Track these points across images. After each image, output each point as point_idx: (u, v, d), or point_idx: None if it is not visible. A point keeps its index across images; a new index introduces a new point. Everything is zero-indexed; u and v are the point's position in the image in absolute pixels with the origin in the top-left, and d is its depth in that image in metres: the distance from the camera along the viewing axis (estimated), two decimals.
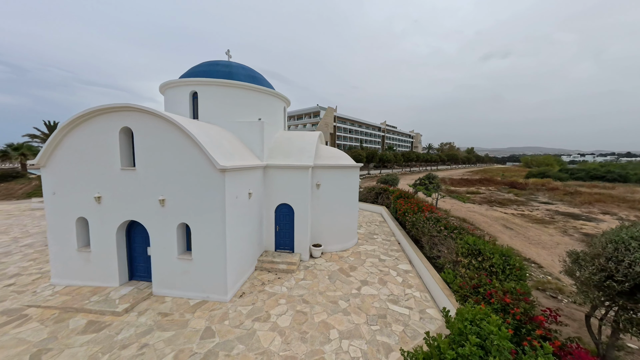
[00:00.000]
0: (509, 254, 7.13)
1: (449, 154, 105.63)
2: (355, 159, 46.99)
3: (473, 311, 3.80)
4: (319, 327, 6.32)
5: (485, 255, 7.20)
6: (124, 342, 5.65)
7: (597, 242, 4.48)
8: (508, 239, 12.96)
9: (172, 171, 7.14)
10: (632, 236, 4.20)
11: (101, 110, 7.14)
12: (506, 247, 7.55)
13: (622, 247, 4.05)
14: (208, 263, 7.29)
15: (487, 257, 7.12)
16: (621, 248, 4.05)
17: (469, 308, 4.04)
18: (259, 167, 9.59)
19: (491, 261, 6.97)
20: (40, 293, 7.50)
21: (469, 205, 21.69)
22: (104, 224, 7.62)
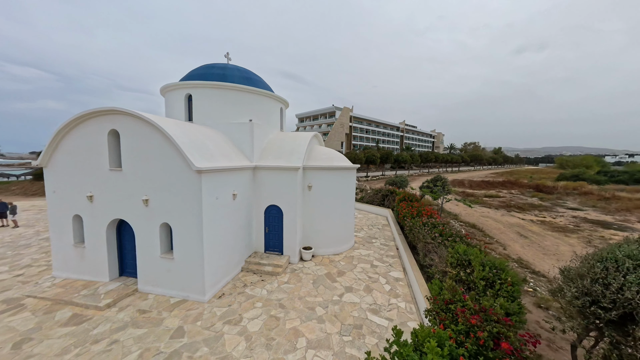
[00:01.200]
0: (502, 267, 6.46)
1: (473, 155, 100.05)
2: (368, 159, 46.05)
3: (422, 333, 3.42)
4: (288, 334, 6.14)
5: (475, 266, 6.58)
6: (97, 337, 5.86)
7: (585, 260, 3.85)
8: (519, 248, 11.85)
9: (155, 172, 7.33)
10: (628, 254, 3.54)
11: (92, 113, 7.51)
12: (500, 258, 6.85)
13: (612, 268, 3.42)
14: (188, 263, 7.39)
15: (477, 269, 6.51)
16: (611, 268, 3.42)
17: (422, 329, 3.65)
18: (247, 168, 9.59)
19: (481, 274, 6.35)
20: (41, 284, 8.07)
21: (484, 209, 20.25)
22: (95, 221, 8.03)
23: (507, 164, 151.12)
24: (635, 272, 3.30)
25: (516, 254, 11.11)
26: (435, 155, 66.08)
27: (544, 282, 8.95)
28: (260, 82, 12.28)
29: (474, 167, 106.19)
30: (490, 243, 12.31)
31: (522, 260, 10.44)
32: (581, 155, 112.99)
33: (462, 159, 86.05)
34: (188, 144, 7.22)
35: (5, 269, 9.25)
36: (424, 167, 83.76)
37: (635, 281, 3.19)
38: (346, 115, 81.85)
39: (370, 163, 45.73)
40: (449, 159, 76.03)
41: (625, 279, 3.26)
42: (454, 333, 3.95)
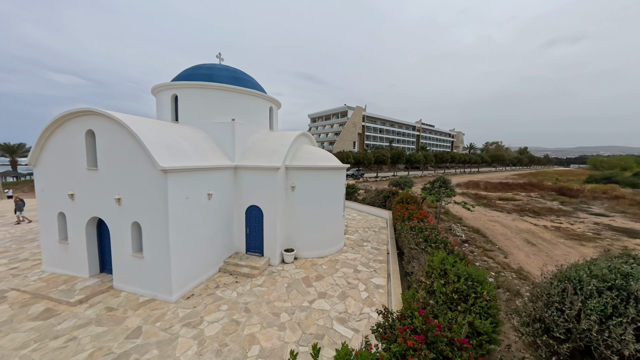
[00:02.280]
0: (480, 279, 5.79)
1: (494, 155, 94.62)
2: (378, 159, 44.91)
3: (343, 353, 3.02)
4: (243, 340, 5.90)
5: (449, 277, 5.97)
6: (58, 333, 5.97)
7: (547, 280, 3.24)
8: (523, 257, 10.78)
9: (126, 171, 7.41)
10: (595, 274, 2.92)
11: (71, 114, 7.75)
12: (480, 270, 6.16)
13: (572, 290, 2.82)
14: (156, 262, 7.40)
15: (452, 281, 5.89)
16: (570, 290, 2.83)
17: (344, 350, 3.25)
18: (227, 167, 9.50)
19: (454, 285, 5.74)
20: (28, 278, 8.46)
21: (494, 213, 18.84)
22: (76, 219, 8.29)
23: (533, 165, 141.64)
24: (599, 297, 2.68)
25: (518, 263, 10.11)
26: (451, 155, 63.12)
27: None
28: (249, 81, 12.20)
29: (496, 168, 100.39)
30: (490, 250, 11.34)
31: (522, 271, 9.45)
32: (620, 156, 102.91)
33: (482, 160, 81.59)
34: (156, 144, 7.22)
35: (4, 262, 9.85)
36: (439, 168, 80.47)
37: (596, 308, 2.59)
38: (359, 114, 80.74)
39: (381, 163, 44.57)
40: (466, 159, 72.39)
41: (585, 304, 2.66)
42: (389, 355, 3.50)
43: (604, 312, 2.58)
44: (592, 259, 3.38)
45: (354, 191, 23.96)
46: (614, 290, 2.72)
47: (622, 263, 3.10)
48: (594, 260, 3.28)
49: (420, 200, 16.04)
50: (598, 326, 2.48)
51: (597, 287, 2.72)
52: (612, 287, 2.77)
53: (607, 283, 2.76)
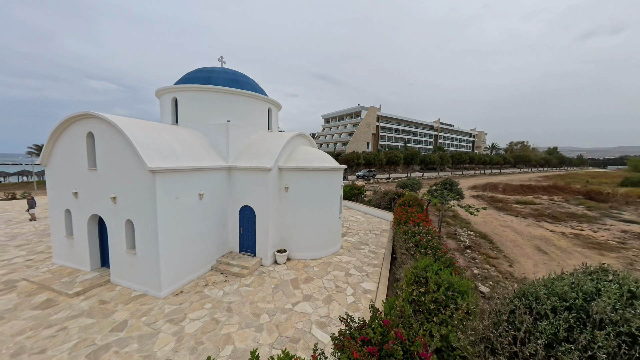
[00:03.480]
0: (463, 289, 5.44)
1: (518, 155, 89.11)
2: (390, 160, 43.89)
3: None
4: (219, 340, 5.97)
5: (430, 286, 5.66)
6: (52, 322, 6.38)
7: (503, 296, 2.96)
8: (531, 267, 10.00)
9: (121, 171, 7.78)
10: (556, 292, 2.62)
11: (74, 117, 8.27)
12: (464, 280, 5.77)
13: (523, 308, 2.55)
14: (147, 259, 7.69)
15: (431, 290, 5.59)
16: (521, 309, 2.55)
17: (286, 356, 3.16)
18: (219, 168, 9.70)
19: (433, 295, 5.43)
20: (39, 269, 9.14)
21: (508, 218, 17.69)
22: (80, 215, 8.84)
23: (564, 166, 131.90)
24: (554, 317, 2.39)
25: (523, 273, 9.39)
26: (470, 156, 60.18)
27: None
28: (248, 84, 12.38)
29: (520, 169, 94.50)
30: (495, 257, 10.64)
31: (526, 282, 8.76)
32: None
33: (505, 160, 77.11)
34: (147, 145, 7.51)
35: (22, 254, 10.73)
36: (457, 169, 77.21)
37: (547, 330, 2.29)
38: (373, 114, 79.57)
39: (393, 164, 43.50)
40: (487, 160, 68.75)
41: (536, 326, 2.37)
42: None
43: (557, 336, 2.27)
44: (562, 274, 3.02)
45: (360, 193, 23.59)
46: (572, 311, 2.39)
47: (594, 279, 2.70)
48: (561, 275, 2.92)
49: (424, 202, 15.45)
50: (544, 351, 2.18)
51: (553, 306, 2.40)
52: (571, 308, 2.44)
53: (565, 302, 2.43)
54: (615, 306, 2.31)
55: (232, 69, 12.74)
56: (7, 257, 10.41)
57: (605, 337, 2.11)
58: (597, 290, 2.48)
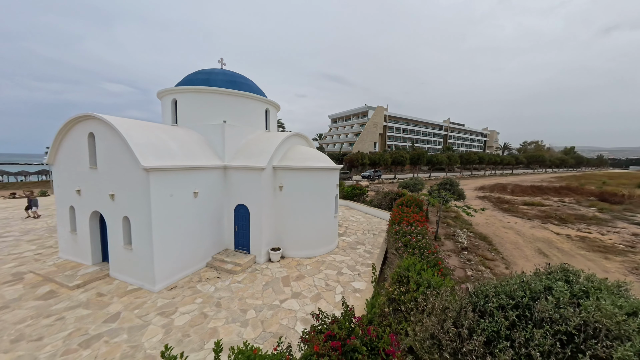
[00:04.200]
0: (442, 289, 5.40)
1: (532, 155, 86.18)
2: (395, 161, 43.43)
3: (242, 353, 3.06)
4: (205, 333, 6.16)
5: (410, 285, 5.66)
6: (51, 312, 6.74)
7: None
8: (529, 269, 9.71)
9: (118, 170, 8.12)
10: (505, 290, 2.62)
11: (77, 119, 8.69)
12: (448, 279, 5.74)
13: (469, 307, 2.57)
14: (142, 254, 8.00)
15: (411, 289, 5.58)
16: (468, 306, 2.57)
17: (245, 348, 3.28)
18: (214, 167, 9.94)
19: (412, 294, 5.43)
20: (46, 263, 9.64)
21: (513, 219, 17.22)
22: (82, 212, 9.27)
23: (582, 167, 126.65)
24: (497, 315, 2.39)
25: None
26: (479, 156, 58.69)
27: None
28: (246, 85, 12.61)
29: (534, 170, 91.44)
30: (491, 259, 10.42)
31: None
32: None
33: (517, 160, 74.80)
34: (142, 145, 7.82)
35: (32, 248, 11.34)
36: (466, 169, 75.46)
37: (489, 328, 2.29)
38: (380, 114, 78.94)
39: (398, 164, 43.03)
40: (497, 160, 66.86)
41: (479, 323, 2.38)
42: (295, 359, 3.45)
43: (499, 334, 2.26)
44: (522, 274, 2.98)
45: (362, 193, 23.52)
46: (519, 309, 2.36)
47: (550, 279, 2.65)
48: (521, 275, 2.88)
49: (423, 203, 15.27)
50: (483, 348, 2.18)
51: (500, 304, 2.39)
52: (518, 306, 2.41)
53: (512, 301, 2.41)
54: (559, 305, 2.28)
55: (231, 71, 13.01)
56: (18, 250, 11.03)
57: (543, 336, 2.09)
58: (547, 289, 2.45)
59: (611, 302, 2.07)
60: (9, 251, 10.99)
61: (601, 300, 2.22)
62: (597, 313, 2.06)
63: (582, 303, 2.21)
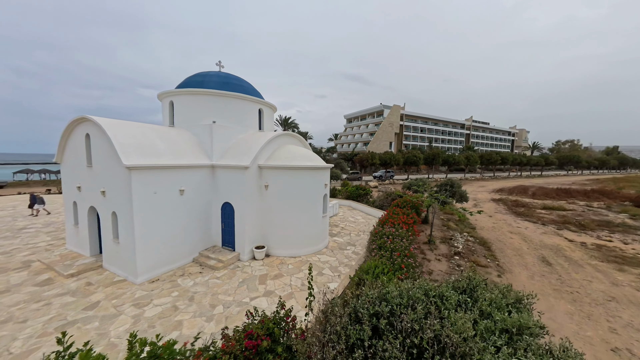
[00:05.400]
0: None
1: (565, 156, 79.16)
2: (408, 161, 42.06)
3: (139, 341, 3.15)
4: (169, 325, 6.40)
5: (365, 289, 5.45)
6: (42, 298, 7.37)
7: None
8: (525, 279, 8.93)
9: (108, 168, 8.68)
10: (384, 297, 2.46)
11: (76, 121, 9.43)
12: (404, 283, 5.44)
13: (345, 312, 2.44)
14: (127, 248, 8.48)
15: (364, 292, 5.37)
16: (333, 314, 2.45)
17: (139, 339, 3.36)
18: (201, 166, 10.28)
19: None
20: (53, 253, 10.56)
21: (524, 224, 15.94)
22: (82, 207, 10.03)
23: (627, 168, 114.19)
24: (365, 322, 2.23)
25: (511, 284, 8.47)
26: (501, 156, 54.93)
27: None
28: (240, 86, 12.91)
29: (568, 171, 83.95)
30: (484, 266, 9.72)
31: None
32: None
33: (547, 161, 69.15)
34: (127, 144, 8.30)
35: (47, 239, 12.47)
36: (488, 170, 71.07)
37: (353, 335, 2.14)
38: (396, 113, 77.02)
39: (412, 164, 41.61)
40: (523, 160, 62.20)
41: (346, 329, 2.24)
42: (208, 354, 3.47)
43: (363, 342, 2.09)
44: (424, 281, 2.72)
45: (365, 193, 23.13)
46: (391, 318, 2.15)
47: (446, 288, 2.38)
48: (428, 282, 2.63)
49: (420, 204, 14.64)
50: (342, 355, 2.02)
51: (375, 312, 2.20)
52: (393, 314, 2.20)
53: (387, 308, 2.21)
54: (425, 316, 2.04)
55: (227, 73, 13.39)
56: (35, 241, 12.20)
57: (401, 346, 1.89)
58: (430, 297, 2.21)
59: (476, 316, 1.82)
60: (28, 241, 12.18)
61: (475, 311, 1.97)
62: (448, 328, 1.83)
63: (455, 316, 1.97)
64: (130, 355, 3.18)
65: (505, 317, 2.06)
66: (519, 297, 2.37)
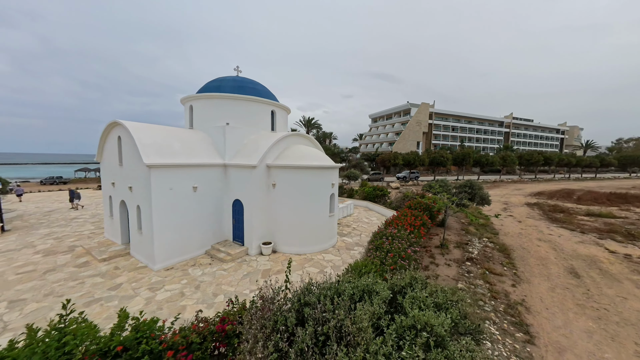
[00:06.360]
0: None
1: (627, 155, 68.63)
2: (434, 161, 39.93)
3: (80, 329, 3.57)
4: (175, 309, 7.04)
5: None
6: (78, 277, 8.58)
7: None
8: (544, 290, 8.04)
9: (134, 167, 9.77)
10: (329, 287, 2.59)
11: (110, 125, 10.77)
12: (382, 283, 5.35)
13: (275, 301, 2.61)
14: (148, 238, 9.46)
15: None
16: (272, 302, 2.62)
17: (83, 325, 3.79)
18: (214, 165, 11.04)
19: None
20: (93, 240, 12.15)
21: (561, 231, 14.27)
22: (115, 201, 11.39)
23: None
24: (292, 312, 2.36)
25: (524, 296, 7.74)
26: (545, 156, 49.27)
27: (533, 349, 6.04)
28: (253, 89, 13.57)
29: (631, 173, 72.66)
30: (498, 274, 8.99)
31: (516, 306, 7.20)
32: None
33: (603, 162, 60.66)
34: (148, 145, 9.27)
35: (91, 228, 14.35)
36: (529, 172, 64.39)
37: (281, 321, 2.28)
38: (425, 111, 73.64)
39: (438, 165, 39.48)
40: (572, 161, 55.23)
41: (269, 319, 2.39)
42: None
43: (288, 329, 2.19)
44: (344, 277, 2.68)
45: (383, 194, 22.67)
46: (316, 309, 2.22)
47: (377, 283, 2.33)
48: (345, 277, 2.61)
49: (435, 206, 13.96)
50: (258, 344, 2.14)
51: (306, 301, 2.27)
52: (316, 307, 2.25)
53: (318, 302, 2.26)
54: (337, 308, 2.05)
55: (242, 77, 14.17)
56: (81, 229, 14.11)
57: (312, 334, 1.95)
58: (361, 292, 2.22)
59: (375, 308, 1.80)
60: (76, 229, 14.15)
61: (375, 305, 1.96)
62: (349, 319, 1.84)
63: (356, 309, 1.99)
64: (116, 326, 3.67)
65: (416, 313, 2.02)
66: (449, 298, 2.29)
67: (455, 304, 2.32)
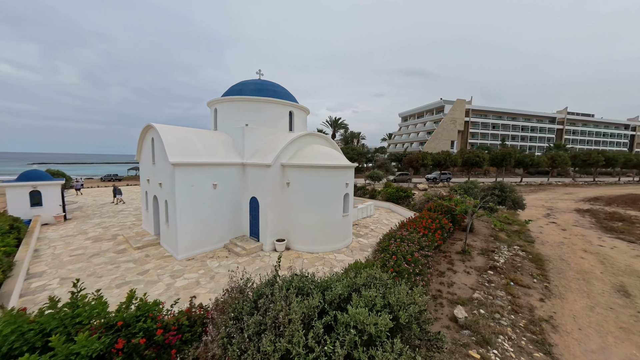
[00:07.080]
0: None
1: None
2: (468, 161, 37.01)
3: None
4: (189, 295, 7.44)
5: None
6: (115, 262, 9.76)
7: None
8: (578, 308, 7.02)
9: (163, 165, 10.80)
10: (268, 281, 2.70)
11: (146, 128, 12.04)
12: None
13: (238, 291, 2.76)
14: (173, 230, 10.39)
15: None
16: (239, 292, 2.78)
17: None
18: (233, 163, 11.70)
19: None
20: (132, 230, 13.70)
21: (616, 242, 12.23)
22: (150, 196, 12.70)
23: None
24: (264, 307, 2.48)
25: (552, 313, 6.86)
26: (605, 156, 42.39)
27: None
28: (273, 91, 14.08)
29: None
30: (526, 286, 8.05)
31: (541, 323, 6.37)
32: None
33: None
34: (174, 145, 10.18)
35: (132, 219, 16.16)
36: (587, 174, 56.17)
37: (238, 308, 2.39)
38: (460, 108, 68.86)
39: (473, 165, 36.54)
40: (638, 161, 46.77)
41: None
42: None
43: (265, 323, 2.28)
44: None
45: (407, 195, 21.84)
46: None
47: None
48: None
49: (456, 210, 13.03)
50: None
51: (260, 293, 2.33)
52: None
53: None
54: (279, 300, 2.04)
55: (263, 80, 14.77)
56: (124, 220, 15.97)
57: (257, 322, 1.99)
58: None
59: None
60: (120, 220, 16.05)
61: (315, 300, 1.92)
62: (285, 310, 1.84)
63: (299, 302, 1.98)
64: (122, 304, 4.15)
65: (352, 312, 1.95)
66: (400, 302, 2.15)
67: (407, 307, 2.20)
